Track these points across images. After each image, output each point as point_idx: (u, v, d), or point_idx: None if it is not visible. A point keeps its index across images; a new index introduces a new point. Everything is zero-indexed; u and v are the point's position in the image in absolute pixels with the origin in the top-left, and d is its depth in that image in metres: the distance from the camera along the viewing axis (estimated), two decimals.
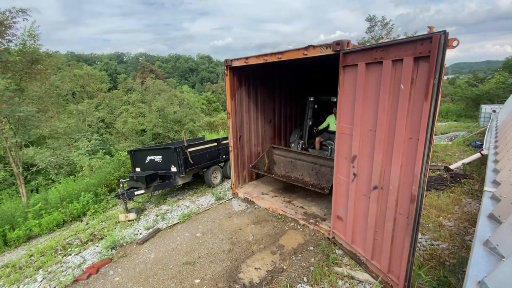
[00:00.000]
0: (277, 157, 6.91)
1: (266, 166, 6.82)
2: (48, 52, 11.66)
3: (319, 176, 5.89)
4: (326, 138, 7.01)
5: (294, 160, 6.52)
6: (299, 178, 6.25)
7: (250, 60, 5.43)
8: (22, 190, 8.08)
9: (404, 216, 3.07)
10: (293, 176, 6.38)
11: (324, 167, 5.83)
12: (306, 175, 6.18)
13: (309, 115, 7.10)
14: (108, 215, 6.87)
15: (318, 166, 5.96)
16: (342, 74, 3.81)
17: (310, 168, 6.14)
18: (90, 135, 13.17)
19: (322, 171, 5.87)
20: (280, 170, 6.78)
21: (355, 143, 3.65)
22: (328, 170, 5.68)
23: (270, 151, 6.98)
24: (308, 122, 7.15)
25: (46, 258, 4.94)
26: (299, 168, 6.38)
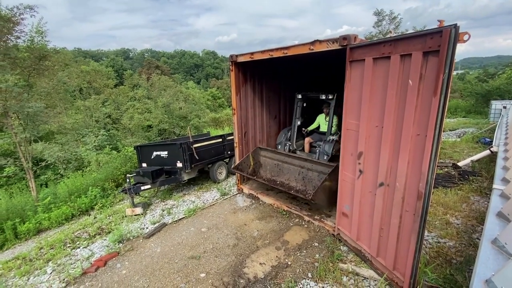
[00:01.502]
0: (264, 159, 6.49)
1: (251, 168, 6.39)
2: (56, 49, 11.79)
3: (305, 181, 5.48)
4: (316, 139, 6.50)
5: (280, 163, 6.09)
6: (284, 182, 5.84)
7: (255, 55, 5.39)
8: (32, 185, 8.25)
9: (411, 213, 3.04)
10: (279, 180, 6.00)
11: (312, 171, 5.40)
12: (292, 180, 5.78)
13: (297, 114, 6.56)
14: (115, 210, 6.98)
15: (305, 170, 5.53)
16: (349, 70, 3.76)
17: (296, 172, 5.72)
18: (97, 130, 13.34)
19: (309, 176, 5.45)
20: (266, 173, 6.37)
21: (361, 139, 3.61)
22: (316, 175, 5.30)
23: (256, 152, 6.56)
24: (296, 122, 6.58)
25: (55, 251, 5.06)
26: (285, 171, 5.96)
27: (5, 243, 6.06)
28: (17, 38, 9.40)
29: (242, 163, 6.29)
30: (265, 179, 6.19)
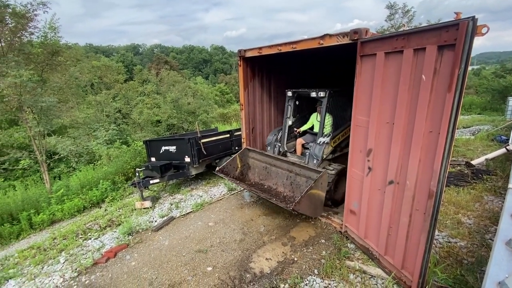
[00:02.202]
0: (252, 160, 6.01)
1: (238, 171, 5.93)
2: (68, 44, 11.99)
3: (293, 186, 5.05)
4: (310, 140, 5.87)
5: (268, 166, 5.63)
6: (272, 187, 5.41)
7: (263, 50, 5.34)
8: (46, 177, 8.50)
9: (421, 212, 2.97)
10: (267, 184, 5.54)
11: (300, 176, 4.98)
12: (280, 185, 5.33)
13: (288, 113, 5.96)
14: (125, 203, 7.13)
15: (293, 175, 5.11)
16: (359, 64, 3.67)
17: (284, 176, 5.27)
18: (108, 125, 13.58)
19: (297, 182, 5.00)
20: (255, 176, 5.90)
21: (371, 136, 3.54)
22: (304, 180, 4.88)
23: (245, 154, 6.08)
24: (287, 122, 5.99)
25: (68, 241, 5.21)
26: (274, 175, 5.50)
27: (21, 232, 6.29)
28: (31, 34, 9.59)
29: (228, 165, 5.84)
30: (253, 182, 5.77)
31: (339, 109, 5.53)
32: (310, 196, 4.18)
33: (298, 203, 4.01)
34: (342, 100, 5.48)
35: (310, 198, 4.20)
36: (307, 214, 4.51)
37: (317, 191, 4.32)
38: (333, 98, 5.32)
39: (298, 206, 4.01)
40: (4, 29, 8.69)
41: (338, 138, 5.46)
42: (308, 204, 4.23)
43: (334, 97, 5.33)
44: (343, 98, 5.43)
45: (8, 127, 13.09)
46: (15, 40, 9.07)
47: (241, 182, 5.62)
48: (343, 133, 5.55)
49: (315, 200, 4.33)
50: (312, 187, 4.17)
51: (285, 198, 5.00)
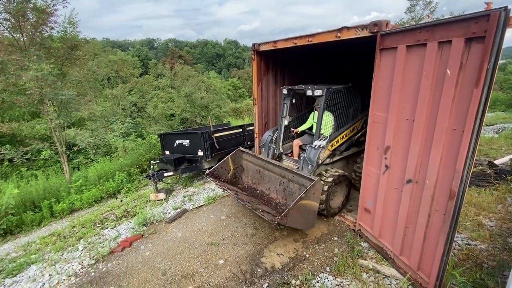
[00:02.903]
0: (246, 162, 5.64)
1: (230, 173, 5.59)
2: (86, 39, 12.28)
3: (286, 193, 4.67)
4: (307, 141, 5.36)
5: (261, 170, 5.23)
6: (265, 192, 5.07)
7: (278, 43, 5.25)
8: (66, 168, 8.85)
9: (441, 213, 2.86)
10: (259, 189, 5.19)
11: (293, 182, 4.55)
12: (273, 190, 4.96)
13: (284, 113, 5.47)
14: (140, 194, 7.32)
15: (286, 181, 4.68)
16: (379, 58, 3.54)
17: (277, 181, 4.88)
18: (124, 118, 13.92)
19: (290, 188, 4.61)
20: (248, 179, 5.56)
21: (389, 133, 3.42)
22: (297, 187, 4.45)
23: (238, 155, 5.70)
24: (283, 122, 5.51)
25: (86, 230, 5.42)
26: (267, 180, 5.11)
27: (42, 220, 6.60)
28: (51, 29, 9.90)
29: (219, 168, 5.47)
30: (246, 186, 5.45)
31: (342, 107, 5.10)
32: (300, 208, 3.78)
33: (285, 216, 3.60)
34: (346, 98, 5.06)
35: (300, 210, 3.80)
36: (296, 228, 4.14)
37: (309, 202, 3.92)
38: (334, 96, 4.84)
39: (284, 220, 3.61)
40: (26, 24, 9.00)
41: (337, 141, 5.03)
42: (298, 216, 3.85)
43: (335, 95, 4.86)
44: (346, 96, 5.06)
45: (31, 119, 13.67)
46: (36, 35, 9.38)
47: (231, 186, 5.18)
48: (344, 135, 5.14)
49: (306, 212, 3.95)
50: (302, 198, 3.75)
51: (277, 205, 4.65)
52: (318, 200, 4.09)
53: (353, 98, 5.27)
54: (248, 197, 4.82)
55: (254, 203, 4.44)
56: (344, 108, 5.17)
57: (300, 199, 3.73)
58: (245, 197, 4.74)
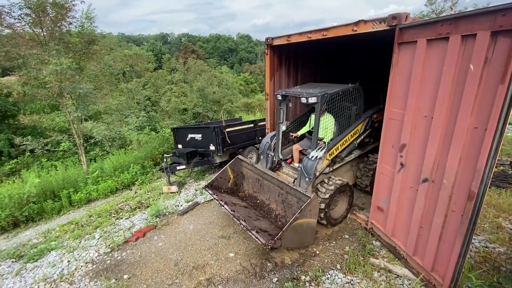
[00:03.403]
0: (246, 170, 5.44)
1: (231, 182, 5.41)
2: (102, 34, 12.55)
3: (285, 205, 4.46)
4: (307, 146, 5.07)
5: (261, 179, 5.02)
6: (265, 202, 4.91)
7: (292, 37, 5.17)
8: (83, 159, 9.16)
9: (458, 214, 2.77)
10: (260, 198, 5.03)
11: (290, 195, 4.32)
12: (273, 201, 4.76)
13: (281, 118, 5.07)
14: (153, 186, 7.49)
15: (284, 193, 4.47)
16: (397, 53, 3.42)
17: (276, 193, 4.65)
18: (138, 112, 14.19)
19: (289, 200, 4.38)
20: (249, 187, 5.38)
21: (406, 130, 3.33)
22: (295, 200, 4.19)
23: (237, 163, 5.50)
24: (281, 128, 5.13)
25: (102, 219, 5.62)
26: (266, 189, 4.90)
27: (61, 209, 6.88)
28: (70, 24, 10.16)
29: (218, 178, 5.27)
30: (247, 194, 5.30)
31: (342, 111, 4.77)
32: (296, 228, 3.61)
33: (279, 239, 3.44)
34: (346, 100, 4.72)
35: (296, 230, 3.64)
36: (294, 247, 4.01)
37: (305, 220, 3.73)
38: (332, 100, 4.45)
39: (278, 243, 3.45)
40: (46, 19, 9.28)
41: (337, 148, 4.64)
42: (294, 236, 3.71)
43: (333, 98, 4.47)
44: (346, 98, 4.68)
45: (50, 111, 14.21)
46: (55, 30, 9.67)
47: (230, 198, 5.05)
48: (344, 141, 4.78)
49: (303, 230, 3.78)
50: (297, 218, 3.55)
51: (276, 217, 4.48)
52: (316, 216, 3.89)
53: (356, 99, 4.87)
54: (246, 210, 4.64)
55: (250, 219, 4.22)
56: (344, 111, 4.82)
57: (295, 220, 3.53)
58: (243, 210, 4.60)
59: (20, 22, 9.27)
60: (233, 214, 4.23)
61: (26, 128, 12.38)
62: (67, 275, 3.98)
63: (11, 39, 9.35)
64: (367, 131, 5.20)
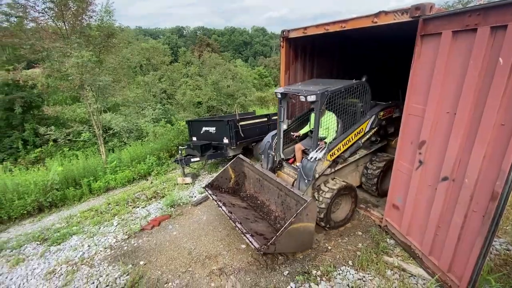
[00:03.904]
0: (247, 169, 5.31)
1: (232, 182, 5.32)
2: (121, 27, 12.81)
3: (284, 207, 4.28)
4: (310, 145, 4.73)
5: (261, 179, 4.90)
6: (265, 203, 4.78)
7: (309, 30, 5.06)
8: (102, 149, 9.51)
9: (479, 214, 2.67)
10: (260, 198, 4.92)
11: (289, 197, 4.14)
12: (273, 202, 4.60)
13: (282, 117, 4.90)
14: (168, 177, 7.68)
15: (283, 194, 4.29)
16: (419, 45, 3.28)
17: (276, 194, 4.49)
18: (155, 104, 14.51)
19: (288, 203, 4.18)
20: (251, 187, 5.24)
21: (426, 126, 3.21)
22: (294, 203, 3.98)
23: (238, 163, 5.38)
24: (282, 126, 4.96)
25: (120, 208, 5.84)
26: (266, 190, 4.77)
27: (82, 196, 7.21)
28: (90, 18, 10.44)
29: (218, 178, 5.19)
30: (248, 194, 5.20)
31: (345, 109, 4.55)
32: (292, 232, 3.46)
33: (272, 244, 3.28)
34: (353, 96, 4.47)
35: (292, 234, 3.49)
36: (290, 251, 3.85)
37: (302, 224, 3.55)
38: (334, 98, 4.23)
39: (272, 248, 3.30)
40: (68, 13, 9.58)
41: (338, 148, 4.41)
42: (290, 241, 3.52)
43: (335, 96, 4.24)
44: (350, 95, 4.42)
45: (72, 103, 14.76)
46: (76, 23, 9.97)
47: (230, 198, 4.94)
48: (347, 140, 4.53)
49: (299, 235, 3.60)
50: (292, 223, 3.38)
51: (276, 219, 4.34)
52: (313, 220, 3.68)
53: (361, 96, 4.56)
54: (245, 211, 4.54)
55: (248, 221, 4.11)
56: (349, 109, 4.59)
57: (290, 224, 3.38)
58: (242, 211, 4.49)
59: (44, 16, 9.63)
60: (229, 216, 4.10)
61: (49, 118, 12.96)
62: (87, 259, 4.19)
63: (35, 33, 9.75)
64: (373, 129, 4.93)
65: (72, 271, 3.93)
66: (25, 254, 4.50)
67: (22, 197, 6.35)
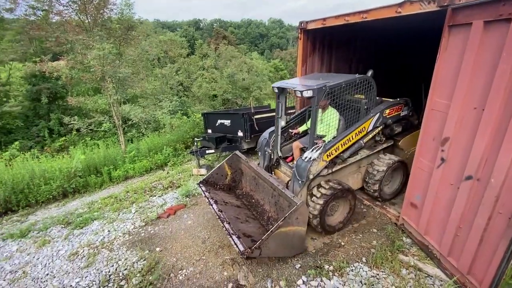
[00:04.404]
0: (244, 167, 5.08)
1: (228, 178, 5.14)
2: (140, 20, 13.05)
3: (277, 208, 4.02)
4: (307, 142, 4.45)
5: (256, 177, 4.65)
6: (260, 202, 4.55)
7: (328, 21, 4.92)
8: (121, 139, 9.84)
9: (505, 216, 2.54)
10: (256, 197, 4.70)
11: (281, 197, 3.86)
12: (267, 202, 4.35)
13: (280, 113, 4.63)
14: (184, 168, 7.85)
15: (277, 195, 4.02)
16: (446, 37, 3.10)
17: (270, 193, 4.23)
18: (172, 97, 14.78)
19: (281, 203, 3.92)
20: (247, 184, 5.02)
21: (450, 122, 3.06)
22: (286, 204, 3.71)
23: (234, 160, 5.18)
24: (280, 123, 4.70)
25: (137, 196, 6.06)
26: (261, 189, 4.51)
27: (103, 184, 7.54)
28: (111, 11, 10.70)
29: (213, 174, 4.98)
30: (244, 192, 5.00)
31: (351, 104, 4.30)
32: (279, 236, 3.28)
33: (257, 248, 3.09)
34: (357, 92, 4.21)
35: (280, 238, 3.32)
36: (278, 256, 3.68)
37: (291, 228, 3.38)
38: (334, 93, 3.97)
39: (256, 252, 3.11)
40: (90, 6, 9.85)
41: (337, 148, 4.07)
42: (278, 245, 3.35)
43: (336, 91, 3.98)
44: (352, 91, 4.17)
45: (94, 94, 15.32)
46: (98, 16, 10.24)
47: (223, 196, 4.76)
48: (347, 140, 4.18)
49: (288, 239, 3.43)
50: (279, 227, 3.19)
51: (268, 219, 4.13)
52: (304, 223, 3.50)
53: (366, 92, 4.26)
54: (238, 210, 4.37)
55: (238, 221, 3.92)
56: (352, 106, 4.32)
57: (277, 228, 3.18)
58: (234, 210, 4.32)
59: (68, 9, 9.96)
60: (218, 215, 3.91)
61: (73, 109, 13.55)
62: (107, 243, 4.40)
63: (60, 26, 10.13)
64: (377, 128, 4.53)
65: (93, 253, 4.15)
66: (51, 236, 4.79)
67: (48, 183, 6.73)
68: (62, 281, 3.67)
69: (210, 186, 4.89)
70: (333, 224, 4.17)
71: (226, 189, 5.06)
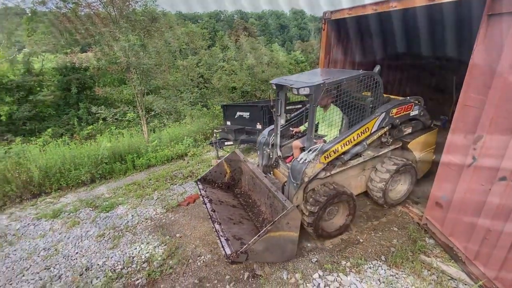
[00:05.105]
0: (244, 166, 4.92)
1: (227, 177, 4.99)
2: (163, 12, 13.29)
3: (272, 210, 3.80)
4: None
5: (254, 177, 4.45)
6: (257, 202, 4.37)
7: (354, 10, 4.73)
8: (144, 129, 10.22)
9: None
10: (253, 197, 4.53)
11: (276, 200, 3.65)
12: (263, 203, 4.16)
13: (279, 111, 4.37)
14: (203, 159, 8.02)
15: (271, 196, 3.80)
16: (484, 27, 2.87)
17: (265, 195, 4.02)
18: (192, 88, 15.04)
19: (275, 206, 3.70)
20: (245, 184, 4.86)
21: (485, 119, 2.86)
22: (280, 207, 3.48)
23: (234, 158, 5.03)
24: (279, 121, 4.45)
25: (159, 184, 6.30)
26: (258, 190, 4.33)
27: (127, 171, 7.88)
28: (136, 3, 10.99)
29: (212, 172, 4.81)
30: (243, 191, 4.85)
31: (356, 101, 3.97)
32: (269, 241, 3.14)
33: (244, 253, 2.94)
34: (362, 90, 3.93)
35: (268, 244, 3.17)
36: (267, 261, 3.54)
37: (282, 233, 3.23)
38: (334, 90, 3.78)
39: (242, 257, 2.96)
40: None
41: (335, 150, 3.73)
42: (267, 250, 3.19)
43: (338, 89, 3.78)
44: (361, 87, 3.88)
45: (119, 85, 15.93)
46: (124, 9, 10.55)
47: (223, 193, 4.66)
48: (347, 141, 3.82)
49: (278, 244, 3.28)
50: (268, 231, 3.05)
51: (263, 221, 3.94)
52: (296, 229, 3.34)
53: (371, 90, 3.96)
54: (232, 210, 4.23)
55: (231, 222, 3.78)
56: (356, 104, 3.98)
57: (266, 232, 3.03)
58: (228, 209, 4.18)
59: (96, 2, 10.35)
60: (210, 214, 3.75)
61: (99, 99, 14.21)
62: (131, 227, 4.64)
63: (89, 18, 10.55)
64: (383, 129, 4.14)
65: (118, 236, 4.40)
66: (80, 217, 5.12)
67: (77, 168, 7.15)
68: (90, 259, 3.94)
69: (208, 184, 4.74)
70: (330, 229, 3.95)
71: (224, 188, 4.90)
